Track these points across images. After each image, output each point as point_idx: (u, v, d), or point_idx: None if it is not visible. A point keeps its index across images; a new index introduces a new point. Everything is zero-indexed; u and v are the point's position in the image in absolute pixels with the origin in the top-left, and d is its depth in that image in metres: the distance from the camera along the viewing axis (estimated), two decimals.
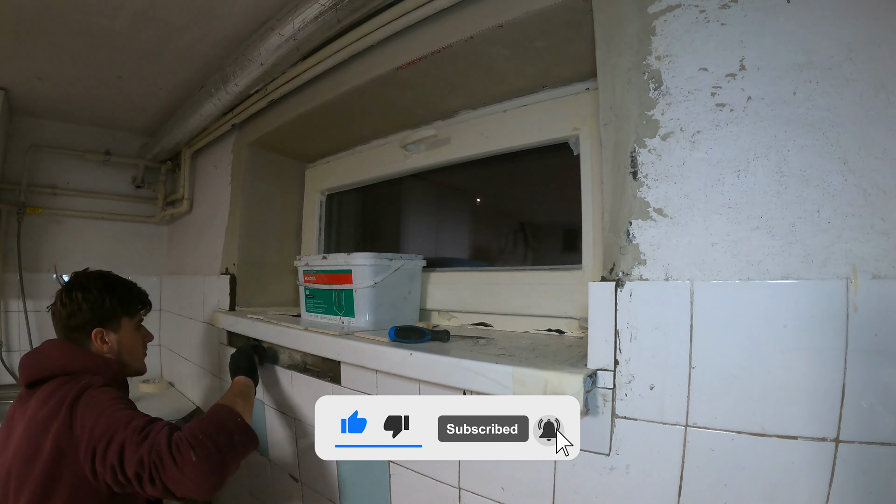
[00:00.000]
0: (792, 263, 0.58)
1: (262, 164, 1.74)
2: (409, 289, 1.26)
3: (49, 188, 2.16)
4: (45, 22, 1.33)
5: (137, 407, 0.97)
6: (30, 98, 1.91)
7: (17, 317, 2.10)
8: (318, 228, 1.83)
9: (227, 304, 1.69)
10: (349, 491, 1.14)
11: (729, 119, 0.64)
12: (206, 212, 1.99)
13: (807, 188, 0.58)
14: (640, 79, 0.71)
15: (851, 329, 0.54)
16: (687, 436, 0.63)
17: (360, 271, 1.15)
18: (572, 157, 1.08)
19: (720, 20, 0.65)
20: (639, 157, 0.70)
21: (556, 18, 0.86)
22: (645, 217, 0.69)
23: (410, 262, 1.25)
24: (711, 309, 0.62)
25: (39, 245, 2.18)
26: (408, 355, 0.86)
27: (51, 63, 1.59)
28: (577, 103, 1.07)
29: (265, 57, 1.25)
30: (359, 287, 1.16)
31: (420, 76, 1.12)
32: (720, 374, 0.61)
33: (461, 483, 0.88)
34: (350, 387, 1.11)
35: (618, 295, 0.68)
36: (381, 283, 1.16)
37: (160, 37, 1.41)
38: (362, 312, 1.17)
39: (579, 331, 1.03)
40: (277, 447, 1.39)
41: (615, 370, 0.68)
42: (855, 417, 0.54)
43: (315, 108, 1.37)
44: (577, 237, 1.06)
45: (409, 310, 1.27)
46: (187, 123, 1.77)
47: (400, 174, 1.51)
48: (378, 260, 1.16)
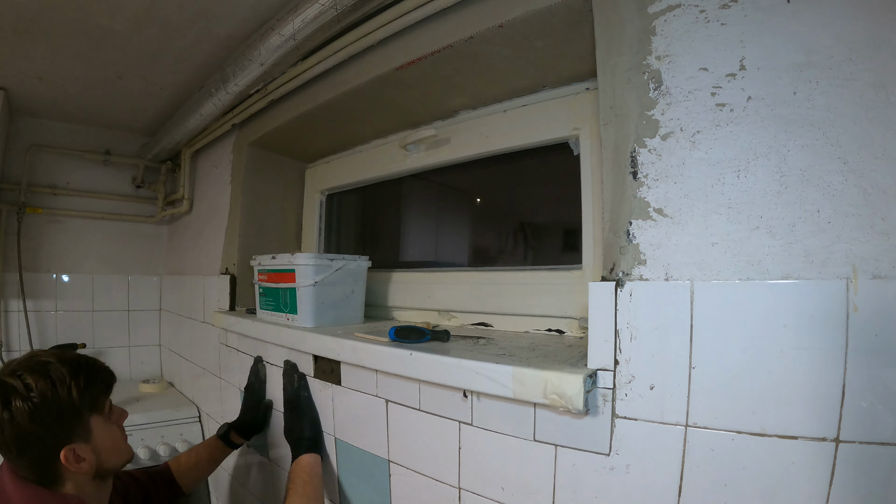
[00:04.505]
0: (792, 263, 0.58)
1: (262, 164, 1.74)
2: (352, 288, 1.29)
3: (49, 188, 2.16)
4: (45, 22, 1.33)
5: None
6: (30, 98, 1.91)
7: (17, 317, 2.10)
8: (318, 228, 1.83)
9: (227, 304, 1.69)
10: (349, 491, 1.14)
11: (729, 119, 0.64)
12: (206, 212, 2.00)
13: (807, 188, 0.58)
14: (640, 79, 0.71)
15: (851, 329, 0.54)
16: (687, 436, 0.63)
17: (302, 270, 1.19)
18: (572, 157, 1.08)
19: (720, 20, 0.65)
20: (639, 157, 0.70)
21: (556, 18, 0.86)
22: (645, 217, 0.69)
23: (353, 262, 1.27)
24: (711, 309, 0.62)
25: (39, 245, 2.19)
26: (408, 355, 0.86)
27: (51, 63, 1.59)
28: (577, 103, 1.07)
29: (265, 57, 1.25)
30: (301, 285, 1.20)
31: (420, 76, 1.12)
32: (720, 374, 0.61)
33: (461, 483, 0.88)
34: (350, 387, 1.11)
35: (618, 295, 0.68)
36: (321, 282, 1.20)
37: (160, 37, 1.41)
38: (304, 310, 1.21)
39: (579, 331, 1.03)
40: (277, 447, 1.39)
41: (615, 370, 0.68)
42: (855, 417, 0.54)
43: (315, 108, 1.37)
44: (577, 237, 1.06)
45: (352, 309, 1.30)
46: (187, 123, 1.77)
47: (400, 174, 1.51)
48: (319, 260, 1.20)
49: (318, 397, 1.22)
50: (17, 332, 2.10)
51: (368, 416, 1.07)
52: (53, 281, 2.22)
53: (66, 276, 2.26)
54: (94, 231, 2.32)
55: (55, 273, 2.23)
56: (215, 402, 1.80)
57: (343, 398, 1.14)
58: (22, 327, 2.09)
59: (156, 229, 2.49)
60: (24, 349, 2.10)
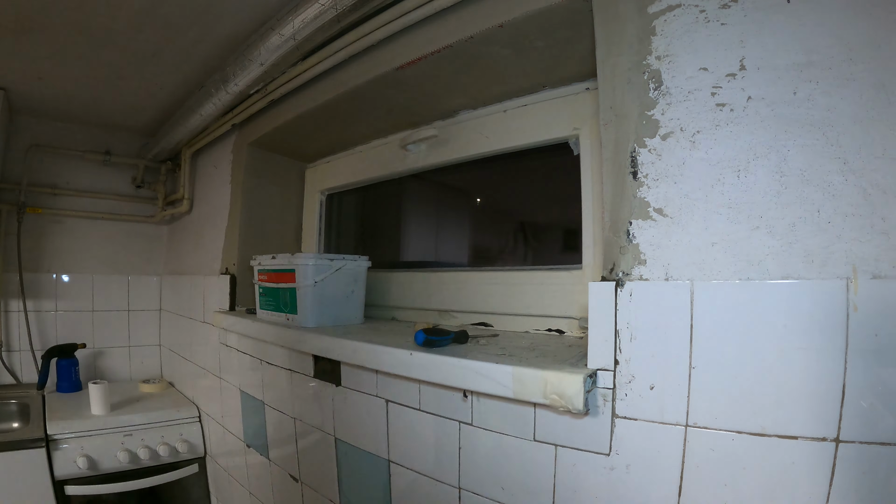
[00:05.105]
0: (792, 263, 0.58)
1: (262, 164, 1.74)
2: (352, 288, 1.30)
3: (49, 188, 2.16)
4: (45, 22, 1.33)
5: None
6: (30, 98, 1.91)
7: (17, 317, 2.10)
8: (318, 228, 1.83)
9: (227, 304, 1.69)
10: (349, 491, 1.14)
11: (729, 119, 0.64)
12: (206, 212, 2.00)
13: (807, 188, 0.58)
14: (640, 79, 0.71)
15: (851, 329, 0.54)
16: (687, 436, 0.63)
17: (302, 270, 1.20)
18: (572, 157, 1.08)
19: (720, 20, 0.65)
20: (639, 157, 0.70)
21: (556, 18, 0.86)
22: (645, 217, 0.69)
23: (353, 262, 1.28)
24: (711, 309, 0.62)
25: (39, 245, 2.19)
26: (408, 355, 0.86)
27: (51, 63, 1.59)
28: (577, 103, 1.07)
29: (265, 57, 1.25)
30: (301, 285, 1.20)
31: (420, 76, 1.12)
32: (720, 373, 0.61)
33: (461, 483, 0.88)
34: (350, 387, 1.11)
35: (618, 295, 0.68)
36: (321, 282, 1.20)
37: (160, 37, 1.41)
38: (304, 309, 1.21)
39: (579, 331, 1.03)
40: (277, 447, 1.39)
41: (615, 370, 0.68)
42: (855, 417, 0.53)
43: (315, 108, 1.37)
44: (577, 237, 1.06)
45: (352, 309, 1.31)
46: (187, 123, 1.77)
47: (400, 174, 1.51)
48: (319, 260, 1.21)
49: (318, 397, 1.23)
50: (17, 332, 2.10)
51: (368, 417, 1.07)
52: (53, 281, 2.22)
53: (66, 276, 2.26)
54: (94, 231, 2.32)
55: (55, 273, 2.23)
56: (215, 402, 1.80)
57: (343, 398, 1.14)
58: (22, 327, 2.09)
59: (156, 229, 2.49)
60: (25, 349, 2.10)
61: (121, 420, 1.75)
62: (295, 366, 1.31)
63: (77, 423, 1.68)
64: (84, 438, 1.66)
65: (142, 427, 1.78)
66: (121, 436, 1.73)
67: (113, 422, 1.73)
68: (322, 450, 1.22)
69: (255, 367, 1.50)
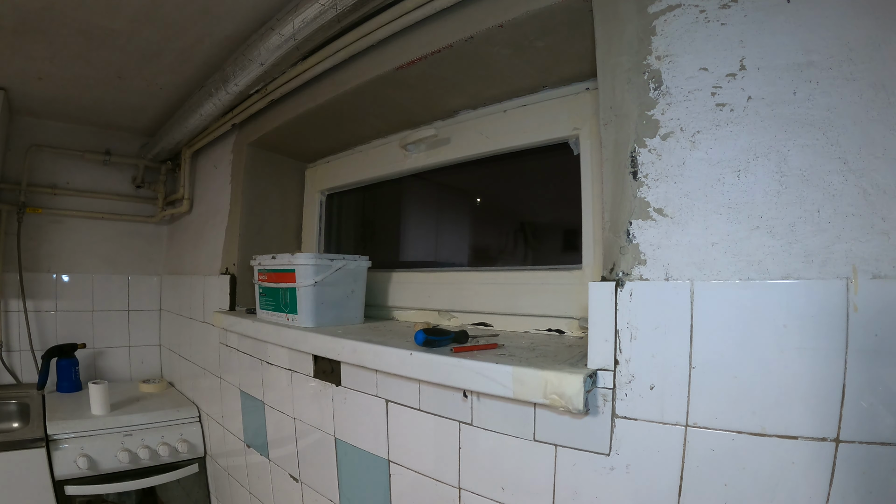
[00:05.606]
0: (792, 263, 0.58)
1: (262, 164, 1.74)
2: (352, 288, 1.30)
3: (49, 188, 2.16)
4: (45, 22, 1.33)
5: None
6: (30, 98, 1.91)
7: (17, 317, 2.10)
8: (318, 228, 1.83)
9: (227, 304, 1.69)
10: (349, 491, 1.14)
11: (729, 119, 0.64)
12: (206, 212, 2.00)
13: (807, 188, 0.58)
14: (640, 79, 0.71)
15: (851, 329, 0.54)
16: (687, 436, 0.63)
17: (302, 270, 1.20)
18: (572, 157, 1.08)
19: (720, 20, 0.65)
20: (639, 157, 0.70)
21: (556, 18, 0.86)
22: (645, 217, 0.69)
23: (353, 262, 1.28)
24: (711, 309, 0.62)
25: (39, 245, 2.19)
26: (408, 355, 0.86)
27: (51, 63, 1.59)
28: (577, 103, 1.07)
29: (265, 57, 1.25)
30: (301, 285, 1.20)
31: (420, 76, 1.12)
32: (720, 373, 0.61)
33: (461, 483, 0.88)
34: (350, 387, 1.11)
35: (618, 295, 0.68)
36: (321, 281, 1.20)
37: (160, 37, 1.41)
38: (304, 310, 1.21)
39: (579, 331, 1.03)
40: (277, 447, 1.39)
41: (615, 370, 0.68)
42: (855, 417, 0.53)
43: (315, 108, 1.37)
44: (577, 237, 1.06)
45: (352, 309, 1.31)
46: (187, 123, 1.77)
47: (400, 174, 1.51)
48: (319, 260, 1.21)
49: (318, 397, 1.23)
50: (17, 332, 2.10)
51: (368, 417, 1.07)
52: (53, 281, 2.22)
53: (66, 276, 2.26)
54: (94, 231, 2.32)
55: (55, 273, 2.23)
56: (215, 402, 1.80)
57: (343, 398, 1.14)
58: (22, 327, 2.09)
59: (156, 229, 2.49)
60: (25, 349, 2.10)
61: (121, 420, 1.75)
62: (295, 366, 1.31)
63: (77, 423, 1.68)
64: (84, 438, 1.66)
65: (142, 427, 1.78)
66: (121, 436, 1.73)
67: (113, 422, 1.73)
68: (322, 450, 1.22)
69: (255, 367, 1.50)
